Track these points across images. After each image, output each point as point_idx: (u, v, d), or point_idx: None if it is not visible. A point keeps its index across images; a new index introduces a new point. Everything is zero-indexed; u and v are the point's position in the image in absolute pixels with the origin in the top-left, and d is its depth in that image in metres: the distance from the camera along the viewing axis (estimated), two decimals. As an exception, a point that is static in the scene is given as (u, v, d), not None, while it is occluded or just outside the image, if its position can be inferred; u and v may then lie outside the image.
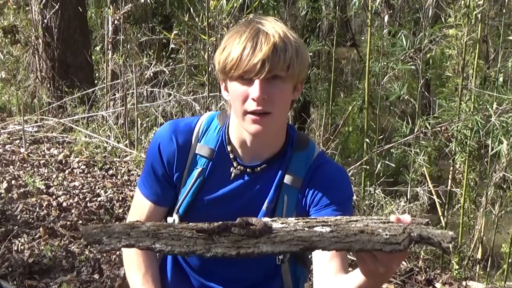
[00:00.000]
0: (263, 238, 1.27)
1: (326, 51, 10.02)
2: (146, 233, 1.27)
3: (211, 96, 6.04)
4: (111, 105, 7.41)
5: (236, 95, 1.64)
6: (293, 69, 1.61)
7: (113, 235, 1.24)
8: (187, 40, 7.48)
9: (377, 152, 5.18)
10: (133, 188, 5.08)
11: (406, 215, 1.33)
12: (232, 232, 1.30)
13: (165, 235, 1.26)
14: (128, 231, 1.27)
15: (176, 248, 1.23)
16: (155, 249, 1.23)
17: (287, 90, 1.66)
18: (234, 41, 1.62)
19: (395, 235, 1.23)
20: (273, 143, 1.79)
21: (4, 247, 3.61)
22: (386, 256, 1.30)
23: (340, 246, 1.23)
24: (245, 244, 1.25)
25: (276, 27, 1.63)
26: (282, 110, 1.67)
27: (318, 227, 1.30)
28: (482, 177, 5.53)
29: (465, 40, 5.01)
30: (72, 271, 3.47)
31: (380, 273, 1.35)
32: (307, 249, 1.24)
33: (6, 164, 5.51)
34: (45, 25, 7.75)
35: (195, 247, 1.23)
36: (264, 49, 1.57)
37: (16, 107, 7.70)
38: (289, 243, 1.24)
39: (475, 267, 5.03)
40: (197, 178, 1.80)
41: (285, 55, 1.59)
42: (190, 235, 1.28)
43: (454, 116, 4.92)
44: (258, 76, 1.58)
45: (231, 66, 1.61)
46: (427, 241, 1.23)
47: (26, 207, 4.35)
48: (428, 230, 1.26)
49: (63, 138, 6.56)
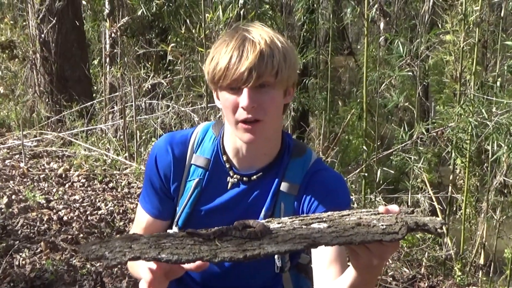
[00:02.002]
0: (265, 239, 1.27)
1: (324, 60, 10.05)
2: (148, 244, 1.26)
3: (209, 107, 6.05)
4: (110, 118, 7.42)
5: (227, 104, 1.64)
6: (282, 75, 1.60)
7: (115, 249, 1.23)
8: (185, 52, 7.51)
9: (376, 159, 5.19)
10: (133, 200, 5.09)
11: (393, 205, 1.34)
12: (234, 235, 1.30)
13: (168, 244, 1.26)
14: (129, 244, 1.26)
15: (183, 257, 1.22)
16: (162, 259, 1.21)
17: (277, 96, 1.65)
18: (221, 50, 1.62)
19: (390, 225, 1.25)
20: (268, 151, 1.78)
21: (6, 262, 3.61)
22: (380, 248, 1.30)
23: (342, 240, 1.24)
24: (249, 247, 1.25)
25: (262, 33, 1.62)
26: (273, 116, 1.66)
27: (315, 224, 1.31)
28: (482, 182, 5.54)
29: (462, 45, 5.03)
30: (74, 285, 3.47)
31: (374, 265, 1.35)
32: (310, 246, 1.24)
33: (6, 179, 5.51)
34: (43, 40, 7.77)
35: (201, 254, 1.22)
36: (250, 57, 1.56)
37: (15, 122, 7.71)
38: (292, 241, 1.25)
39: (478, 273, 5.02)
40: (195, 189, 1.80)
41: (272, 61, 1.58)
42: (192, 242, 1.28)
43: (450, 119, 4.93)
44: (246, 84, 1.58)
45: (219, 76, 1.61)
46: (422, 228, 1.26)
47: (27, 221, 4.36)
48: (418, 218, 1.28)
49: (63, 152, 6.56)
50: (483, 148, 5.27)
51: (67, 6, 7.77)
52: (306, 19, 8.71)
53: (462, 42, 5.01)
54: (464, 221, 4.96)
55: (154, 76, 7.21)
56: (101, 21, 9.03)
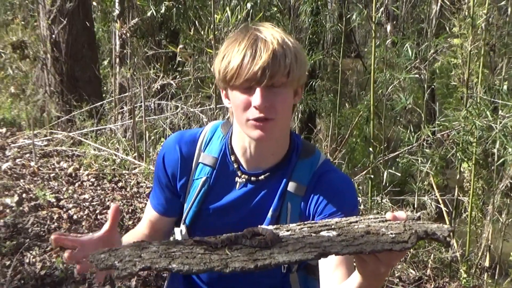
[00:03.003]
0: (275, 248, 1.25)
1: (331, 62, 10.05)
2: (157, 253, 1.23)
3: (218, 108, 6.06)
4: (119, 118, 7.45)
5: (238, 103, 1.63)
6: (293, 75, 1.60)
7: (124, 259, 1.20)
8: (193, 53, 7.52)
9: (383, 161, 5.18)
10: (142, 200, 5.11)
11: (401, 212, 1.34)
12: (244, 244, 1.28)
13: (178, 253, 1.23)
14: (139, 252, 1.23)
15: (193, 267, 1.19)
16: (173, 269, 1.19)
17: (289, 96, 1.64)
18: (233, 49, 1.61)
19: (399, 233, 1.25)
20: (275, 151, 1.77)
21: (16, 260, 3.63)
22: (389, 255, 1.29)
23: (352, 249, 1.23)
24: (260, 256, 1.23)
25: (274, 33, 1.62)
26: (284, 116, 1.66)
27: (324, 232, 1.30)
28: (489, 185, 5.53)
29: (470, 49, 5.02)
30: (84, 283, 3.49)
31: (381, 272, 1.34)
32: (321, 255, 1.22)
33: (17, 177, 5.55)
34: (53, 40, 7.81)
35: (212, 264, 1.20)
36: (263, 56, 1.55)
37: (25, 121, 7.75)
38: (303, 251, 1.23)
39: (483, 275, 5.01)
40: (202, 187, 1.79)
41: (284, 61, 1.57)
42: (202, 251, 1.25)
43: (456, 122, 4.92)
44: (259, 84, 1.57)
45: (231, 75, 1.59)
46: (432, 237, 1.25)
47: (37, 220, 4.38)
48: (426, 225, 1.28)
49: (73, 151, 6.59)
50: (490, 151, 5.26)
51: (78, 7, 7.81)
52: (311, 21, 8.72)
53: (469, 45, 5.00)
54: (470, 224, 4.95)
55: (163, 77, 7.24)
56: (111, 22, 9.06)
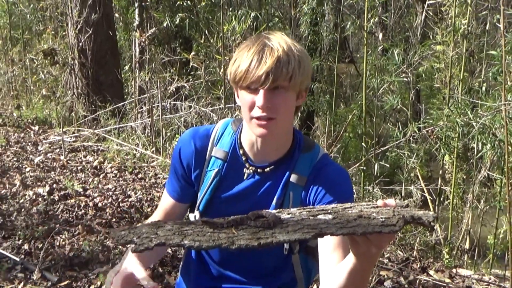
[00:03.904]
0: (277, 229, 1.26)
1: (327, 67, 10.03)
2: (171, 231, 1.25)
3: (226, 108, 6.06)
4: (139, 117, 7.45)
5: (244, 102, 1.65)
6: (295, 80, 1.60)
7: (142, 235, 1.22)
8: (205, 59, 7.52)
9: (374, 155, 5.16)
10: (159, 189, 5.10)
11: (390, 200, 1.33)
12: (249, 225, 1.29)
13: (190, 231, 1.25)
14: (155, 230, 1.25)
15: (203, 244, 1.21)
16: (184, 245, 1.21)
17: (290, 98, 1.65)
18: (243, 54, 1.62)
19: (388, 218, 1.25)
20: (280, 146, 1.78)
21: (48, 243, 3.63)
22: (379, 238, 1.29)
23: (345, 231, 1.23)
24: (263, 235, 1.24)
25: (281, 41, 1.62)
26: (285, 116, 1.66)
27: (321, 215, 1.31)
28: (468, 176, 5.50)
29: (451, 55, 4.99)
30: (108, 263, 3.48)
31: (372, 253, 1.34)
32: (317, 235, 1.23)
33: (48, 170, 5.55)
34: (80, 48, 7.82)
35: (220, 241, 1.22)
36: (268, 62, 1.56)
37: (55, 120, 7.76)
38: (301, 231, 1.24)
39: (464, 256, 4.99)
40: (214, 178, 1.80)
41: (287, 68, 1.58)
42: (212, 230, 1.27)
43: (439, 120, 4.89)
44: (263, 86, 1.58)
45: (240, 77, 1.61)
46: (418, 221, 1.25)
47: (66, 207, 4.38)
48: (413, 211, 1.28)
49: (98, 146, 6.59)
50: (469, 145, 5.24)
51: (102, 18, 7.81)
52: (311, 31, 8.69)
53: (451, 51, 4.98)
54: (451, 210, 4.92)
55: (178, 80, 7.24)
56: (132, 32, 9.06)
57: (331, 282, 1.56)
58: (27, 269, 3.31)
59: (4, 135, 7.01)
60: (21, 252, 3.54)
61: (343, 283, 1.49)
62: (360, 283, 1.50)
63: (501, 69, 4.20)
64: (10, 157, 5.99)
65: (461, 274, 3.88)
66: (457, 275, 3.86)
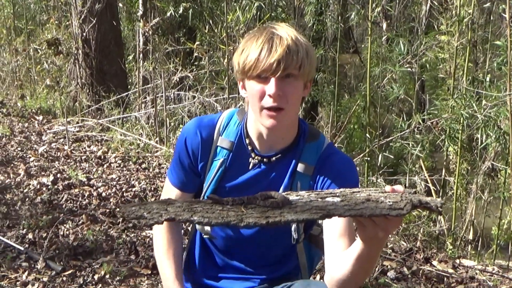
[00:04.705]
0: (285, 209, 1.27)
1: (331, 57, 9.99)
2: (181, 208, 1.27)
3: (230, 98, 6.05)
4: (142, 107, 7.44)
5: (254, 92, 1.65)
6: (304, 68, 1.62)
7: (152, 211, 1.25)
8: (208, 49, 7.49)
9: (378, 146, 5.15)
10: (163, 179, 5.10)
11: (398, 186, 1.33)
12: (258, 204, 1.31)
13: (199, 209, 1.27)
14: (165, 206, 1.28)
15: (212, 220, 1.23)
16: (194, 221, 1.23)
17: (299, 87, 1.66)
18: (251, 44, 1.63)
19: (396, 202, 1.25)
20: (286, 136, 1.78)
21: (52, 232, 3.63)
22: (386, 222, 1.30)
23: (353, 212, 1.24)
24: (271, 214, 1.25)
25: (288, 31, 1.63)
26: (294, 106, 1.67)
27: (329, 198, 1.31)
28: (472, 166, 5.49)
29: (456, 45, 4.96)
30: (112, 252, 3.49)
31: (379, 237, 1.34)
32: (325, 216, 1.24)
33: (52, 159, 5.56)
34: (84, 38, 7.80)
35: (229, 218, 1.23)
36: (279, 50, 1.57)
37: (59, 110, 7.76)
38: (309, 212, 1.25)
39: (467, 247, 4.99)
40: (220, 168, 1.80)
41: (297, 55, 1.59)
42: (221, 208, 1.29)
43: (444, 111, 4.88)
44: (274, 74, 1.59)
45: (249, 67, 1.61)
46: (425, 206, 1.26)
47: (70, 197, 4.38)
48: (421, 197, 1.28)
49: (102, 136, 6.59)
50: (474, 136, 5.22)
51: (106, 8, 7.79)
52: (315, 21, 8.65)
53: (456, 41, 4.94)
54: (455, 201, 4.92)
55: (182, 70, 7.21)
56: (135, 22, 9.04)
57: (338, 268, 1.56)
58: (31, 258, 3.32)
59: (8, 125, 7.01)
60: (25, 242, 3.54)
61: (350, 268, 1.50)
62: (367, 268, 1.52)
63: (506, 59, 4.18)
64: (14, 146, 6.00)
65: (464, 264, 3.88)
66: (461, 265, 3.85)
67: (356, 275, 1.51)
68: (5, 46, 10.32)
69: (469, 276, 3.61)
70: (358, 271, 1.50)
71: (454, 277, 3.58)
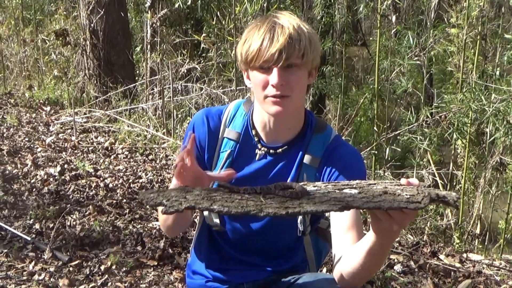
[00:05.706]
0: (304, 199, 1.26)
1: (340, 50, 9.94)
2: (200, 196, 1.26)
3: (238, 90, 6.03)
4: (150, 98, 7.44)
5: (257, 82, 1.64)
6: (307, 57, 1.60)
7: (171, 198, 1.24)
8: (216, 40, 7.47)
9: (385, 139, 5.13)
10: (170, 171, 5.10)
11: (414, 179, 1.32)
12: (276, 194, 1.30)
13: (219, 197, 1.26)
14: (184, 194, 1.27)
15: (232, 209, 1.22)
16: (213, 210, 1.23)
17: (303, 76, 1.64)
18: (253, 34, 1.61)
19: (413, 195, 1.24)
20: (292, 126, 1.77)
21: (59, 222, 3.64)
22: (401, 215, 1.29)
23: (371, 205, 1.23)
24: (290, 205, 1.24)
25: (290, 20, 1.62)
26: (299, 94, 1.66)
27: (347, 189, 1.30)
28: (480, 160, 5.46)
29: (465, 38, 4.92)
30: (118, 243, 3.49)
31: (393, 230, 1.33)
32: (344, 208, 1.23)
33: (59, 150, 5.57)
34: (92, 29, 7.80)
35: (249, 208, 1.22)
36: (280, 40, 1.56)
37: (67, 101, 7.77)
38: (328, 203, 1.24)
39: (474, 241, 4.97)
40: (227, 159, 1.80)
41: (299, 44, 1.57)
42: (240, 197, 1.28)
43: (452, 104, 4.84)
44: (276, 64, 1.57)
45: (252, 57, 1.60)
46: (442, 200, 1.25)
47: (77, 188, 4.39)
48: (437, 191, 1.28)
49: (109, 127, 6.60)
50: (482, 130, 5.19)
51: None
52: (324, 13, 8.60)
53: (465, 34, 4.91)
54: (463, 195, 4.89)
55: (189, 62, 7.21)
56: (143, 13, 9.02)
57: (348, 261, 1.55)
58: (38, 248, 3.32)
59: (16, 115, 7.02)
60: (32, 232, 3.55)
61: (361, 261, 1.48)
62: (379, 260, 1.51)
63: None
64: (21, 137, 6.01)
65: (471, 259, 3.86)
66: (468, 259, 3.83)
67: (367, 268, 1.50)
68: (13, 37, 10.34)
69: (476, 271, 3.60)
70: (370, 263, 1.48)
71: (461, 271, 3.56)
